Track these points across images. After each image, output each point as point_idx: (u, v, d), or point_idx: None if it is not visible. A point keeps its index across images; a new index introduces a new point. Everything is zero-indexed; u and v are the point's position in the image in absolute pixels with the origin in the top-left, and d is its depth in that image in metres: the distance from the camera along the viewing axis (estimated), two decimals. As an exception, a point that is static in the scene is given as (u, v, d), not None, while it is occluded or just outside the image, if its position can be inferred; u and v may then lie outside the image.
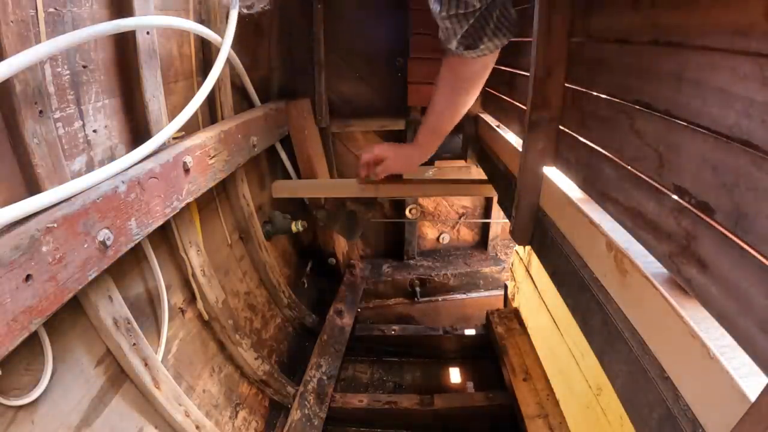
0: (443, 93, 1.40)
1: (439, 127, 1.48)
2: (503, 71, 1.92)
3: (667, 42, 0.75)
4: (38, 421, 0.99)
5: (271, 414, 1.84)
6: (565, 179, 1.17)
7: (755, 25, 0.55)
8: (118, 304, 1.20)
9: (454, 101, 1.41)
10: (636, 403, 0.75)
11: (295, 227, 2.29)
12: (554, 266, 1.17)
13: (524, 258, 2.23)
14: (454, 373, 2.25)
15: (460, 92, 1.39)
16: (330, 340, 2.17)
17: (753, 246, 0.54)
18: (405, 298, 2.88)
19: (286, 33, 2.40)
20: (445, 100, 1.41)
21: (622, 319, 0.80)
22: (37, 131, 0.91)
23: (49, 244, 0.85)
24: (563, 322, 1.73)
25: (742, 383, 0.53)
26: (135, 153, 1.14)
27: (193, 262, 1.59)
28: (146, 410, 1.30)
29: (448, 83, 1.37)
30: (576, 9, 1.10)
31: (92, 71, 1.14)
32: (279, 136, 2.27)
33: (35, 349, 1.00)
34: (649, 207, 0.79)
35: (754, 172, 0.55)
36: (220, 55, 1.50)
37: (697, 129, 0.66)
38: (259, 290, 2.18)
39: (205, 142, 1.47)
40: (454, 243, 3.12)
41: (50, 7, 0.97)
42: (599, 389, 1.38)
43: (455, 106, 1.42)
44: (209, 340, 1.70)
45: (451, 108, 1.42)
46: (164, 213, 1.24)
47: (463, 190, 2.52)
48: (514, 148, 1.52)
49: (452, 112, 1.43)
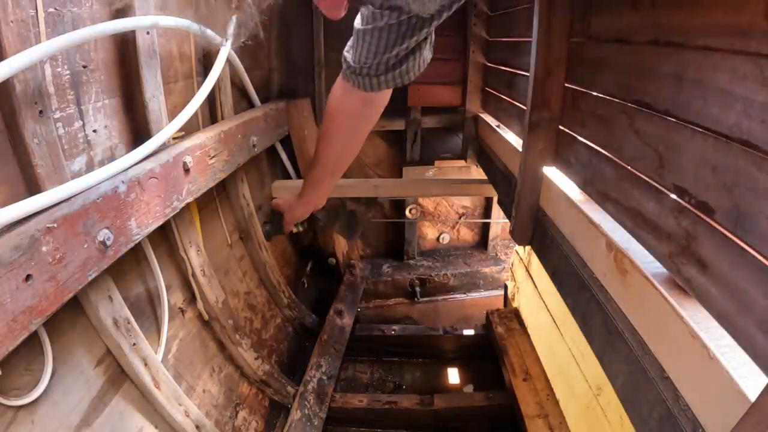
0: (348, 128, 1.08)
1: (336, 172, 1.20)
2: (503, 71, 1.92)
3: (667, 42, 0.75)
4: (38, 421, 0.99)
5: (271, 414, 1.84)
6: (565, 179, 1.17)
7: (755, 25, 0.55)
8: (118, 304, 1.20)
9: (358, 137, 1.13)
10: (636, 403, 0.75)
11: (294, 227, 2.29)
12: (554, 266, 1.17)
13: (524, 258, 2.23)
14: (454, 373, 2.25)
15: (368, 126, 1.11)
16: (330, 340, 2.17)
17: (753, 246, 0.54)
18: (405, 298, 2.88)
19: (286, 33, 2.40)
20: (348, 136, 1.10)
21: (622, 319, 0.80)
22: (37, 131, 0.91)
23: (49, 244, 0.85)
24: (563, 322, 1.73)
25: (742, 383, 0.53)
26: (135, 153, 1.14)
27: (193, 262, 1.59)
28: (146, 410, 1.30)
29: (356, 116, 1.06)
30: (576, 9, 1.11)
31: (92, 71, 1.13)
32: (279, 136, 2.27)
33: (35, 349, 1.00)
34: (649, 207, 0.79)
35: (754, 172, 0.55)
36: (220, 55, 1.50)
37: (697, 129, 0.66)
38: (259, 290, 2.17)
39: (205, 142, 1.47)
40: (454, 243, 3.12)
41: (50, 7, 0.97)
42: (599, 389, 1.38)
43: (357, 145, 1.14)
44: (209, 340, 1.70)
45: (354, 145, 1.14)
46: (164, 213, 1.24)
47: (463, 190, 2.53)
48: (514, 148, 1.53)
49: (354, 151, 1.16)
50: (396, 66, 0.93)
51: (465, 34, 2.38)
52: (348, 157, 1.17)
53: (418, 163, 2.77)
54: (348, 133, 1.10)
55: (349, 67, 0.96)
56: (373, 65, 0.92)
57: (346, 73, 0.98)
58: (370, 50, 0.90)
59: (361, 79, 0.96)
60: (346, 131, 1.09)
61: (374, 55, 0.90)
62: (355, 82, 0.97)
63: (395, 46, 0.88)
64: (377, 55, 0.90)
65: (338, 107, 1.05)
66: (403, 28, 0.85)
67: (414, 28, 0.86)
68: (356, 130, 1.10)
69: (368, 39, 0.88)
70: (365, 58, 0.91)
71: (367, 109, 1.05)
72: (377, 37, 0.87)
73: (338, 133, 1.09)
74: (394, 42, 0.87)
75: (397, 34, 0.86)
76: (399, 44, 0.88)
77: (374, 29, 0.86)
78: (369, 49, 0.90)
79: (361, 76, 0.95)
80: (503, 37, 1.99)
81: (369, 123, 1.10)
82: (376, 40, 0.88)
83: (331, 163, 1.16)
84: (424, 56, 0.96)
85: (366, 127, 1.11)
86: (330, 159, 1.15)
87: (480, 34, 2.28)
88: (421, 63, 0.96)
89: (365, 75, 0.95)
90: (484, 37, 2.28)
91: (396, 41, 0.87)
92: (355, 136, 1.12)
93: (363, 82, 0.96)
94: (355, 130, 1.10)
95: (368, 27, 0.87)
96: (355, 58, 0.94)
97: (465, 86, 2.42)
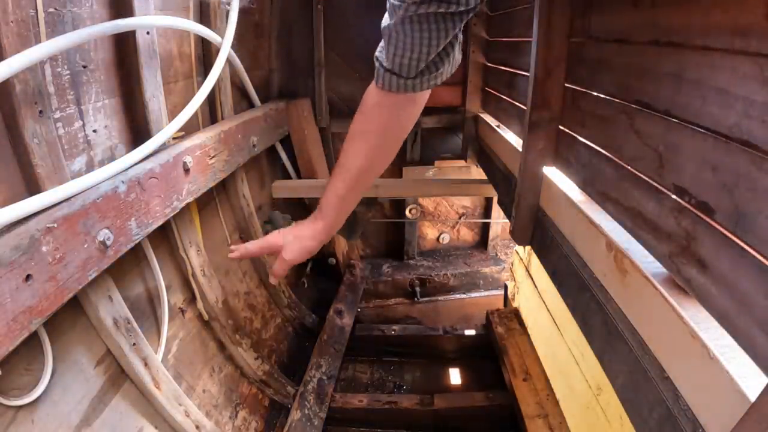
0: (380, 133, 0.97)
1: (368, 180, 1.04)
2: (503, 71, 1.92)
3: (667, 42, 0.75)
4: (38, 421, 0.99)
5: (271, 414, 1.84)
6: (565, 179, 1.17)
7: (755, 25, 0.55)
8: (118, 304, 1.20)
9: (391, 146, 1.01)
10: (636, 403, 0.75)
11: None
12: (554, 266, 1.17)
13: (524, 258, 2.23)
14: (454, 373, 2.25)
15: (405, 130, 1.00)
16: (330, 340, 2.17)
17: (753, 246, 0.54)
18: (405, 298, 2.88)
19: (286, 33, 2.40)
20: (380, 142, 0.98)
21: (622, 319, 0.80)
22: (37, 131, 0.91)
23: (49, 244, 0.85)
24: (563, 322, 1.73)
25: (742, 383, 0.53)
26: (135, 153, 1.14)
27: (193, 262, 1.59)
28: (146, 410, 1.30)
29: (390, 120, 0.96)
30: (576, 9, 1.11)
31: (92, 71, 1.13)
32: (279, 136, 2.27)
33: (35, 349, 1.00)
34: (649, 207, 0.79)
35: (754, 172, 0.55)
36: (220, 55, 1.50)
37: (697, 129, 0.66)
38: (259, 290, 2.18)
39: (205, 142, 1.47)
40: (454, 243, 3.12)
41: (50, 7, 0.97)
42: (599, 389, 1.38)
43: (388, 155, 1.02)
44: (209, 340, 1.70)
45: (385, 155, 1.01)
46: (164, 213, 1.24)
47: (463, 190, 2.53)
48: (514, 148, 1.53)
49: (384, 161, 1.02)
50: (431, 68, 0.88)
51: (465, 34, 2.38)
52: (382, 164, 1.02)
53: (418, 163, 2.77)
54: (386, 133, 0.98)
55: (381, 66, 0.89)
56: (411, 66, 0.86)
57: (379, 74, 0.90)
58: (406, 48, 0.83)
59: (396, 80, 0.88)
60: (384, 131, 0.97)
61: (409, 54, 0.84)
62: (390, 84, 0.89)
63: (431, 42, 0.82)
64: (412, 54, 0.84)
65: (373, 109, 0.95)
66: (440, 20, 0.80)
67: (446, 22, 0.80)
68: (394, 129, 0.98)
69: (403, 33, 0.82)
70: (399, 59, 0.85)
71: (407, 107, 0.95)
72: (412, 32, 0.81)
73: (374, 133, 0.97)
74: (428, 39, 0.82)
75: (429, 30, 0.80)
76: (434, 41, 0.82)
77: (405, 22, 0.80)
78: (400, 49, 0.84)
79: (395, 76, 0.88)
80: (503, 37, 1.99)
81: (409, 121, 0.99)
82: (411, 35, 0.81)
83: (365, 170, 0.99)
84: (456, 57, 0.90)
85: (406, 125, 0.99)
86: (362, 166, 0.98)
87: (480, 34, 2.28)
88: (453, 65, 0.91)
89: (399, 76, 0.88)
90: (484, 37, 2.28)
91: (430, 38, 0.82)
92: (394, 134, 0.99)
93: (398, 83, 0.88)
94: (393, 128, 0.98)
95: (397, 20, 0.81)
96: (387, 59, 0.87)
97: (465, 86, 2.42)
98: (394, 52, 0.84)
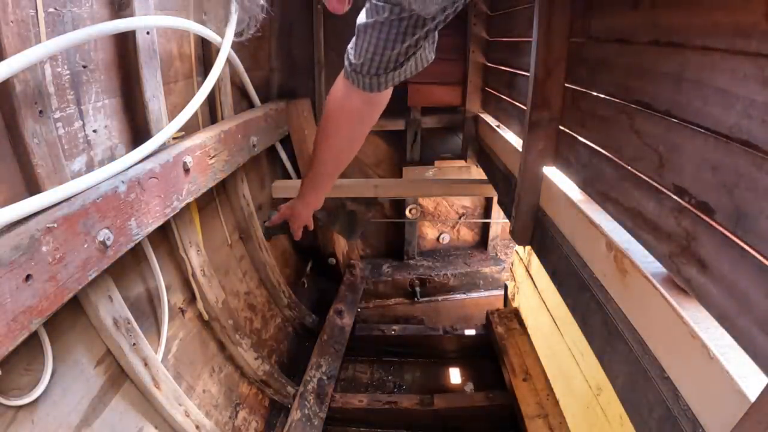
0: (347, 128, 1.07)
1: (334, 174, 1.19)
2: (503, 71, 1.92)
3: (667, 42, 0.75)
4: (38, 421, 0.99)
5: (271, 414, 1.84)
6: (565, 179, 1.17)
7: (756, 25, 0.55)
8: (118, 304, 1.20)
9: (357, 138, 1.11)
10: (636, 403, 0.75)
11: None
12: (554, 266, 1.17)
13: (524, 258, 2.23)
14: (454, 373, 2.25)
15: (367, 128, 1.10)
16: (330, 340, 2.17)
17: (753, 246, 0.54)
18: (405, 298, 2.88)
19: (286, 33, 2.40)
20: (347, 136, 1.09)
21: (622, 319, 0.80)
22: (37, 131, 0.91)
23: (49, 244, 0.85)
24: (563, 322, 1.73)
25: (742, 383, 0.53)
26: (135, 153, 1.14)
27: (193, 262, 1.59)
28: (146, 410, 1.30)
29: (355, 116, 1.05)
30: (576, 9, 1.11)
31: (92, 71, 1.13)
32: (279, 136, 2.27)
33: (35, 349, 1.00)
34: (649, 207, 0.79)
35: (754, 172, 0.55)
36: (220, 55, 1.50)
37: (698, 129, 0.66)
38: (259, 290, 2.18)
39: (205, 142, 1.47)
40: (454, 243, 3.12)
41: (50, 7, 0.97)
42: (599, 389, 1.38)
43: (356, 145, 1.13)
44: (209, 340, 1.70)
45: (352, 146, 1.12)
46: (164, 213, 1.24)
47: (463, 190, 2.53)
48: (514, 148, 1.53)
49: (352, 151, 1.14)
50: (396, 66, 0.93)
51: (465, 34, 2.38)
52: (346, 158, 1.16)
53: (418, 163, 2.77)
54: (347, 134, 1.09)
55: (350, 64, 0.96)
56: (373, 64, 0.92)
57: (347, 71, 0.97)
58: (370, 48, 0.89)
59: (362, 78, 0.95)
60: (345, 131, 1.08)
61: (374, 53, 0.90)
62: (355, 81, 0.97)
63: (396, 43, 0.87)
64: (377, 53, 0.89)
65: (338, 106, 1.04)
66: (403, 25, 0.85)
67: (415, 26, 0.85)
68: (355, 131, 1.09)
69: (369, 34, 0.88)
70: (366, 55, 0.91)
71: (367, 108, 1.04)
72: (377, 34, 0.87)
73: (337, 133, 1.08)
74: (394, 39, 0.87)
75: (397, 30, 0.85)
76: (400, 42, 0.87)
77: (375, 23, 0.86)
78: (369, 46, 0.89)
79: (362, 75, 0.94)
80: (503, 37, 1.99)
81: (368, 124, 1.09)
82: (375, 37, 0.87)
83: (330, 164, 1.15)
84: (425, 56, 0.95)
85: (365, 129, 1.10)
86: (328, 160, 1.14)
87: (480, 34, 2.28)
88: (420, 62, 0.96)
89: (366, 74, 0.94)
90: (484, 37, 2.28)
91: (396, 39, 0.87)
92: (354, 136, 1.10)
93: (364, 81, 0.95)
94: (354, 130, 1.09)
95: (369, 21, 0.87)
96: (356, 56, 0.93)
97: (465, 86, 2.42)
98: (366, 49, 0.90)
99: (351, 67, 0.96)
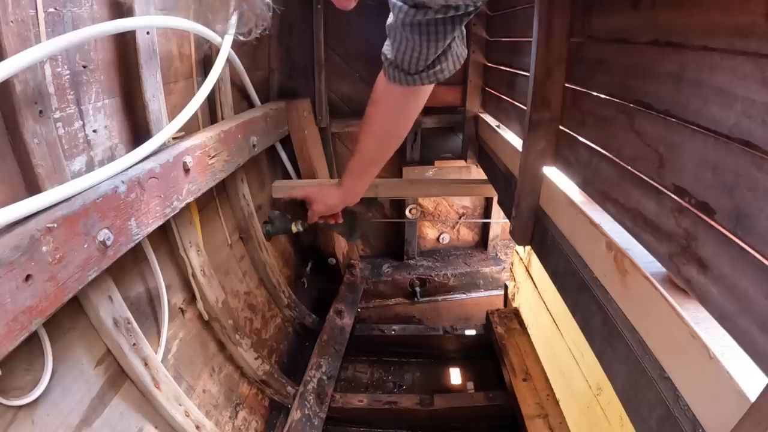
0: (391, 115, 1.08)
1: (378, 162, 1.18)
2: (503, 71, 1.92)
3: (667, 42, 0.75)
4: (38, 421, 0.99)
5: (271, 414, 1.84)
6: (565, 179, 1.17)
7: (755, 25, 0.55)
8: (118, 304, 1.20)
9: (401, 125, 1.12)
10: (636, 403, 0.75)
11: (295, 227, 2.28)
12: (554, 266, 1.17)
13: (524, 258, 2.23)
14: (454, 373, 2.25)
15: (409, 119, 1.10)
16: (330, 340, 2.17)
17: (753, 246, 0.54)
18: (405, 298, 2.88)
19: (286, 33, 2.40)
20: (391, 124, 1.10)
21: (622, 319, 0.80)
22: (37, 131, 0.91)
23: (49, 244, 0.85)
24: (563, 322, 1.73)
25: (742, 383, 0.53)
26: (135, 153, 1.14)
27: (193, 262, 1.59)
28: (146, 410, 1.30)
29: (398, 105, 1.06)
30: (576, 9, 1.10)
31: (92, 71, 1.14)
32: (279, 136, 2.27)
33: (35, 349, 1.00)
34: (649, 207, 0.79)
35: (754, 172, 0.55)
36: (220, 55, 1.50)
37: (697, 129, 0.66)
38: (259, 290, 2.18)
39: (205, 142, 1.47)
40: (454, 243, 3.12)
41: (50, 7, 0.97)
42: (599, 389, 1.38)
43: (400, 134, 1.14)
44: (209, 340, 1.70)
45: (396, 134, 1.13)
46: (164, 213, 1.24)
47: (463, 190, 2.53)
48: (514, 148, 1.52)
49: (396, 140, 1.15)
50: (433, 65, 0.95)
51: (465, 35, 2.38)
52: (389, 147, 1.15)
53: (418, 163, 2.77)
54: (386, 123, 1.09)
55: (386, 59, 0.98)
56: (405, 62, 0.94)
57: (385, 66, 1.00)
58: (401, 47, 0.91)
59: (399, 74, 0.97)
60: (385, 120, 1.09)
61: (404, 52, 0.92)
62: (394, 77, 0.98)
63: (429, 44, 0.89)
64: (407, 52, 0.92)
65: (379, 97, 1.06)
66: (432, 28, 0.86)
67: (445, 25, 0.87)
68: (399, 118, 1.09)
69: (399, 33, 0.90)
70: (398, 54, 0.93)
71: (404, 100, 1.05)
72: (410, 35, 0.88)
73: (377, 121, 1.09)
74: (428, 41, 0.88)
75: (428, 33, 0.87)
76: (432, 42, 0.89)
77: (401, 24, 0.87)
78: (399, 46, 0.91)
79: (399, 71, 0.97)
80: (503, 37, 1.99)
81: (408, 115, 1.09)
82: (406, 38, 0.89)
83: (370, 152, 1.14)
84: (458, 53, 0.97)
85: (409, 115, 1.10)
86: (371, 148, 1.13)
87: (480, 34, 2.28)
88: (457, 59, 0.98)
89: (402, 71, 0.96)
90: (484, 37, 2.28)
91: (429, 40, 0.88)
92: (398, 123, 1.10)
93: (401, 77, 0.97)
94: (398, 117, 1.09)
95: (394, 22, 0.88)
96: (392, 54, 0.95)
97: (465, 86, 2.42)
98: (397, 49, 0.93)
99: (387, 62, 0.98)
